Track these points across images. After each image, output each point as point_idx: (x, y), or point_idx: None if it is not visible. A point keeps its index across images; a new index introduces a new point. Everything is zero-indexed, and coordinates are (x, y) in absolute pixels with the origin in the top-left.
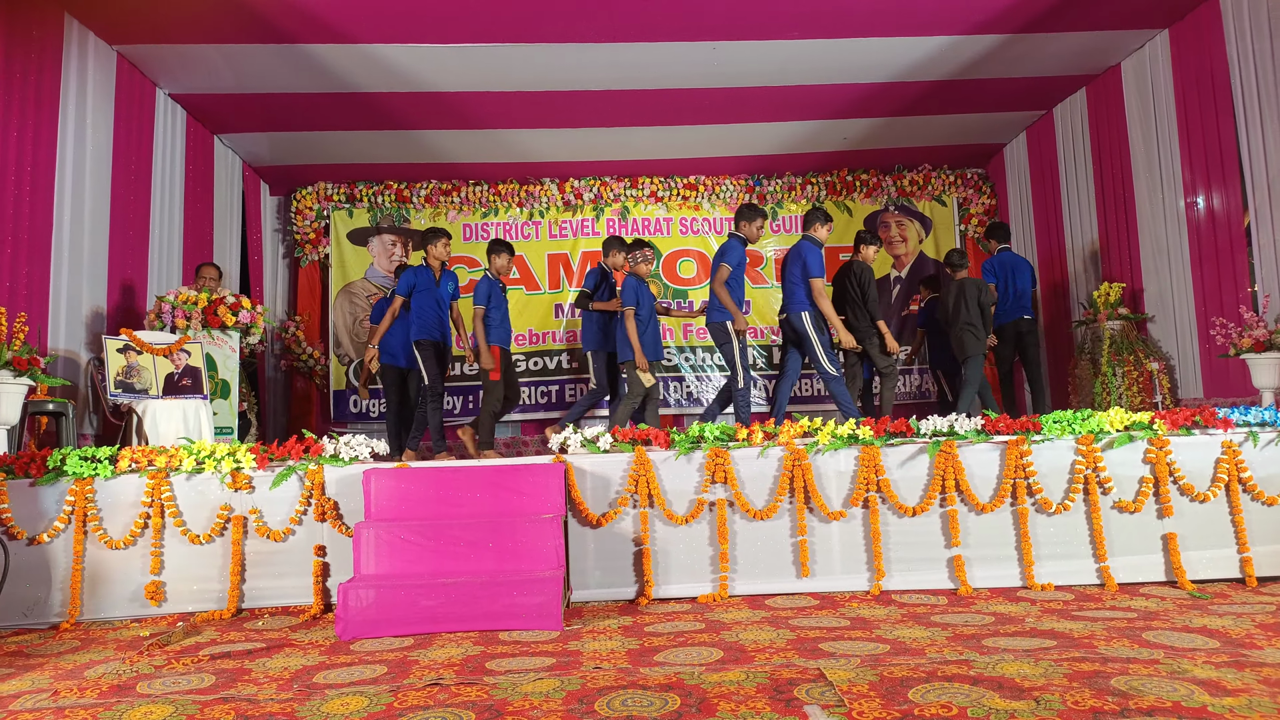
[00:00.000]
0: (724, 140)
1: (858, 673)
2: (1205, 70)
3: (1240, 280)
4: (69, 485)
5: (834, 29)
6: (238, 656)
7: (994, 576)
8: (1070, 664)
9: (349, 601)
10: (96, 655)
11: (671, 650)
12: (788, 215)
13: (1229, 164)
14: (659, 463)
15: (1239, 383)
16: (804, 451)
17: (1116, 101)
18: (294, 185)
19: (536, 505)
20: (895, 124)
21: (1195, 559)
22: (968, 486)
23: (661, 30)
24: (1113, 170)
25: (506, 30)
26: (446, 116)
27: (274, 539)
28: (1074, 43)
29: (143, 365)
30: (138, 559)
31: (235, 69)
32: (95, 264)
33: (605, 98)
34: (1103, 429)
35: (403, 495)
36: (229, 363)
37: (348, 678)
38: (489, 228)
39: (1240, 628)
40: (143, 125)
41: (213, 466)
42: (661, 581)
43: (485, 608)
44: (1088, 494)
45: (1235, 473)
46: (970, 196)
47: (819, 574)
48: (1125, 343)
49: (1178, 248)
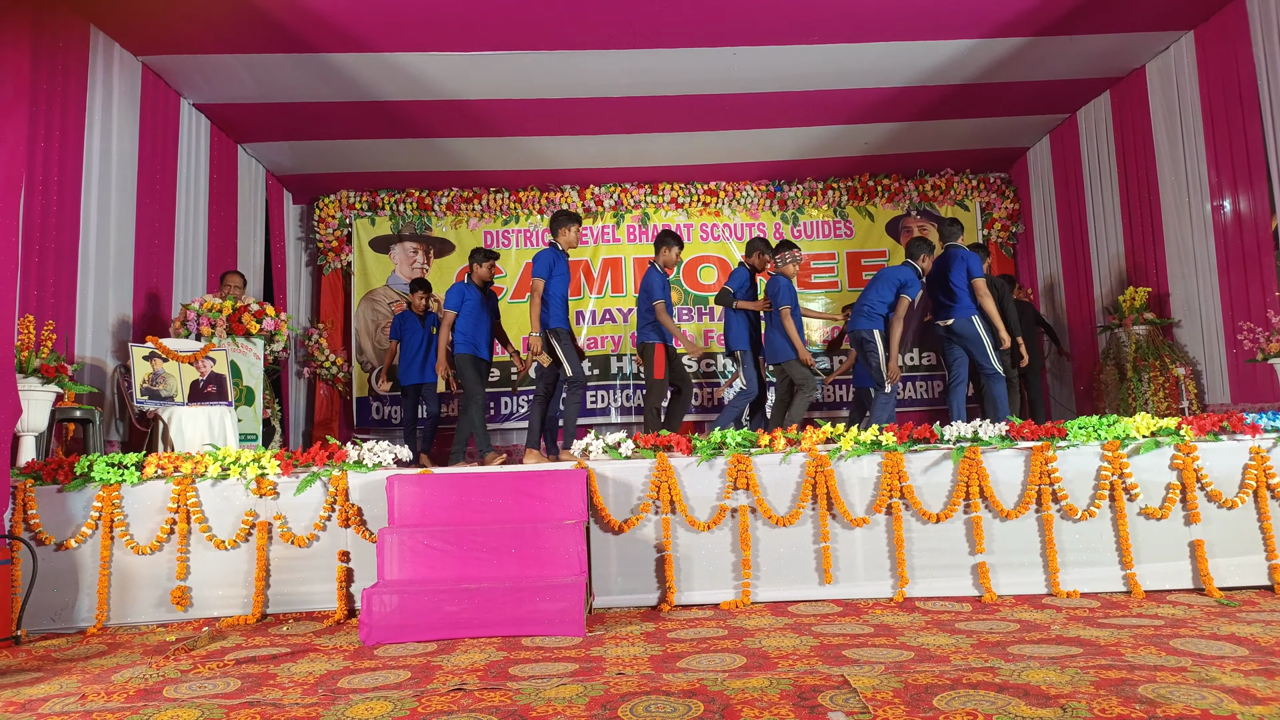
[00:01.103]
0: (744, 146)
1: (882, 679)
2: (1231, 72)
3: (1268, 284)
4: (96, 491)
5: (854, 33)
6: (263, 661)
7: (1019, 583)
8: (1097, 671)
9: (373, 606)
10: (123, 660)
11: (694, 656)
12: (809, 220)
13: (1256, 167)
14: (681, 469)
15: (1267, 387)
16: (827, 458)
17: (1141, 104)
18: (316, 194)
19: (559, 511)
20: (916, 128)
21: (1223, 566)
22: (992, 493)
23: (681, 36)
24: (1137, 174)
25: (527, 38)
26: (468, 124)
27: (298, 544)
28: (1097, 45)
29: (168, 372)
30: (164, 564)
31: (258, 79)
32: (121, 272)
33: (625, 104)
34: (1129, 435)
35: (426, 501)
36: (253, 370)
37: (372, 683)
38: (510, 235)
39: (1269, 635)
40: (167, 135)
41: (238, 473)
42: (684, 588)
43: (508, 613)
44: (1114, 500)
45: (1264, 478)
46: (993, 201)
47: (842, 580)
48: (1151, 348)
49: (1204, 252)
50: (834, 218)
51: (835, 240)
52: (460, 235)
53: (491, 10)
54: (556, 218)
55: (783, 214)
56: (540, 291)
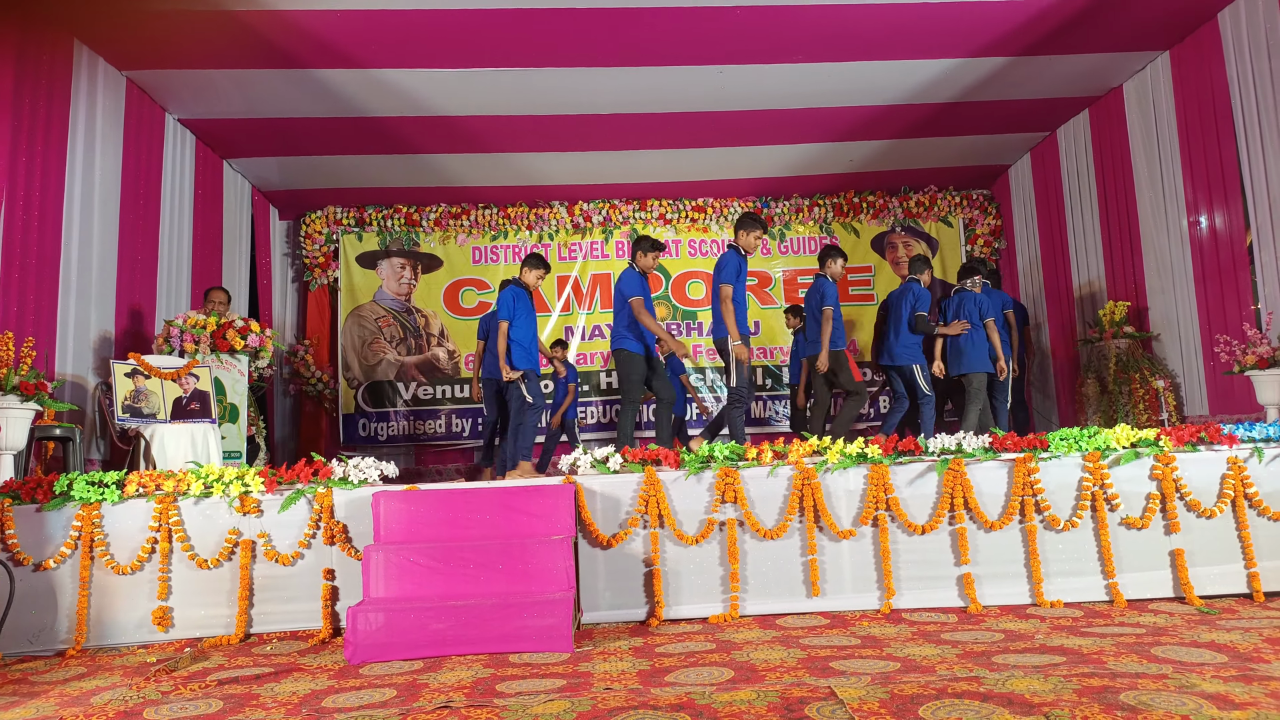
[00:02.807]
0: (731, 163)
1: (868, 691)
2: (1206, 91)
3: (1244, 298)
4: (76, 510)
5: (840, 52)
6: (246, 681)
7: (1003, 594)
8: (1080, 679)
9: (358, 625)
10: (103, 681)
11: (682, 670)
12: (795, 237)
13: (1230, 183)
14: (669, 483)
15: (1244, 399)
16: (813, 470)
17: (1119, 122)
18: (303, 209)
19: (546, 527)
20: (901, 146)
21: (1203, 574)
22: (976, 504)
23: (669, 54)
24: (1116, 190)
25: (515, 55)
26: (456, 141)
27: (282, 563)
28: (1076, 65)
29: (151, 389)
30: (145, 584)
31: (244, 94)
32: (103, 288)
33: (613, 121)
34: (1109, 446)
35: (412, 518)
36: (238, 387)
37: (357, 702)
38: (498, 250)
39: (1248, 642)
40: (152, 150)
41: (221, 491)
42: (672, 602)
43: (495, 630)
44: (1095, 511)
45: (1241, 488)
46: (976, 217)
47: (829, 593)
48: (1131, 361)
49: (1181, 266)
50: (820, 234)
51: None
52: (448, 251)
53: (480, 27)
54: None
55: (769, 230)
56: (729, 298)
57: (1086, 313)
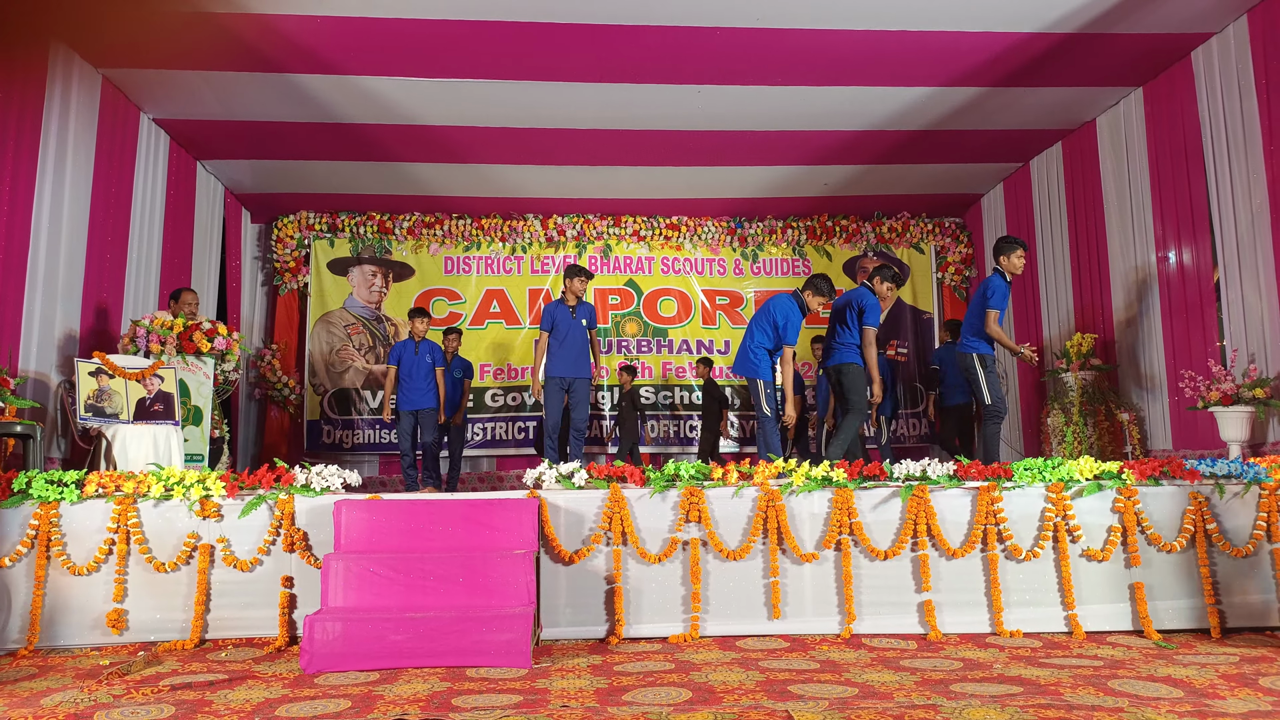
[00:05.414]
0: (706, 182)
1: (826, 715)
2: (1177, 128)
3: (1209, 334)
4: (33, 509)
5: (816, 77)
6: (199, 688)
7: (964, 622)
8: (1036, 711)
9: (315, 634)
10: (54, 683)
11: (640, 690)
12: (768, 258)
13: (1200, 219)
14: (634, 500)
15: (1207, 435)
16: (778, 492)
17: (1091, 156)
18: (275, 213)
19: (509, 540)
20: (875, 171)
21: (1162, 609)
22: (939, 531)
23: (647, 72)
24: (1087, 223)
25: (494, 67)
26: (431, 150)
27: (241, 569)
28: (1051, 98)
29: (114, 389)
30: (101, 586)
31: (220, 96)
32: (70, 286)
33: (590, 136)
34: (1072, 477)
35: (374, 528)
36: (202, 389)
37: (310, 712)
38: (470, 261)
39: (1204, 678)
40: (125, 149)
41: (181, 494)
42: (633, 621)
43: (453, 643)
44: (1057, 542)
45: (1202, 524)
46: (948, 245)
47: (790, 616)
48: (1097, 393)
49: (1149, 301)
50: (793, 256)
51: (794, 278)
52: (420, 260)
53: (459, 38)
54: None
55: (743, 250)
56: (871, 341)
57: (1054, 343)
